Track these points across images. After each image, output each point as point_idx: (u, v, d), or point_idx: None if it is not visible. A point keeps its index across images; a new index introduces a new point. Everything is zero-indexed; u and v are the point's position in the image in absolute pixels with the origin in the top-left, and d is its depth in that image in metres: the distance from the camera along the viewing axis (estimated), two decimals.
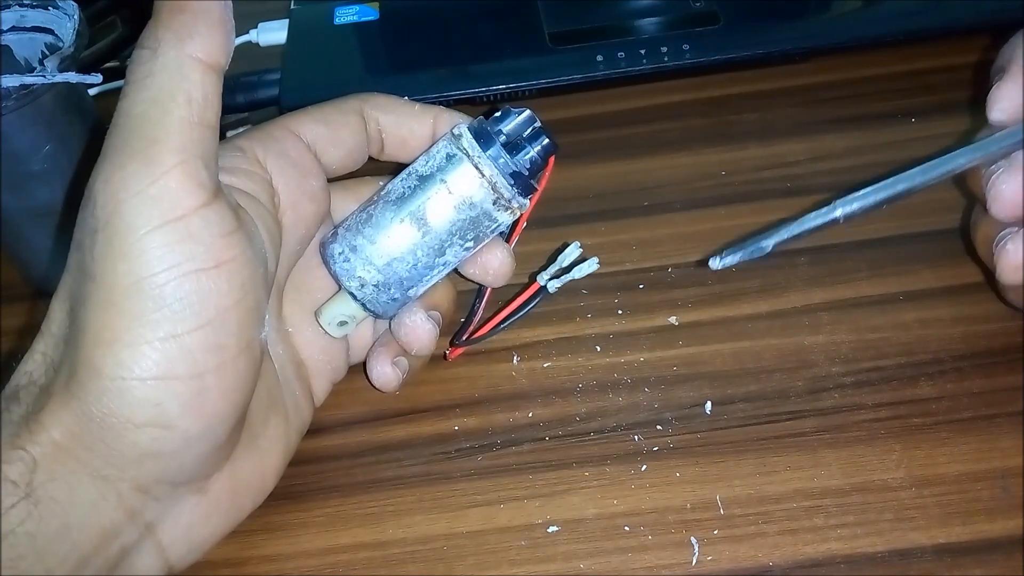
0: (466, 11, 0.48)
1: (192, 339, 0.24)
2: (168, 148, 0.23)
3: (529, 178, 0.30)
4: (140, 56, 0.25)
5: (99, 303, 0.23)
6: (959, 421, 0.31)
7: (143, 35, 0.25)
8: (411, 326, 0.32)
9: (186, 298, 0.23)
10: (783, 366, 0.34)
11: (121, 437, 0.24)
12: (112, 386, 0.23)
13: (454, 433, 0.33)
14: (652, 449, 0.32)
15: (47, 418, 0.24)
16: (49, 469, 0.23)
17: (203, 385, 0.24)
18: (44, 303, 0.40)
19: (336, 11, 0.49)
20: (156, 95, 0.24)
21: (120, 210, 0.23)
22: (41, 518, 0.23)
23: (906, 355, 0.33)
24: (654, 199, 0.41)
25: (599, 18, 0.47)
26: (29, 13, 0.37)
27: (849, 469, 0.30)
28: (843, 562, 0.28)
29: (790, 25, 0.47)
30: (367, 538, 0.30)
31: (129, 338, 0.23)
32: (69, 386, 0.24)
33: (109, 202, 0.23)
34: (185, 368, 0.24)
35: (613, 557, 0.29)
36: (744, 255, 0.28)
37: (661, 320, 0.36)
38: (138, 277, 0.23)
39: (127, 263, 0.23)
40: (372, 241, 0.30)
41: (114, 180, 0.23)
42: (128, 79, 0.25)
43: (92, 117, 0.38)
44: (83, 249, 0.24)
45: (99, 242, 0.23)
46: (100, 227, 0.23)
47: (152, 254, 0.23)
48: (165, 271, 0.23)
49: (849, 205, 0.28)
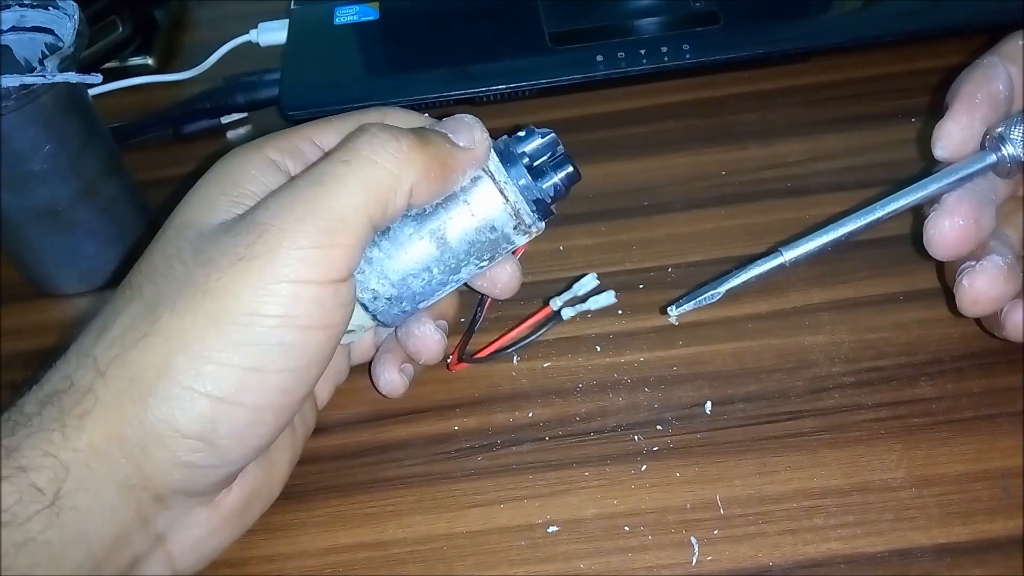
0: (466, 11, 0.48)
1: (272, 378, 0.25)
2: (350, 232, 0.25)
3: (550, 204, 0.30)
4: (384, 139, 0.26)
5: (203, 319, 0.24)
6: (959, 421, 0.31)
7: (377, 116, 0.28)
8: (420, 336, 0.32)
9: (286, 345, 0.25)
10: (783, 366, 0.34)
11: (163, 445, 0.24)
12: (181, 394, 0.24)
13: (454, 433, 0.33)
14: (652, 449, 0.32)
15: (91, 422, 0.24)
16: (79, 477, 0.23)
17: (260, 418, 0.25)
18: (44, 303, 0.40)
19: (336, 11, 0.49)
20: (370, 186, 0.26)
21: (277, 254, 0.24)
22: (62, 526, 0.23)
23: (906, 355, 0.33)
24: (654, 199, 0.41)
25: (599, 18, 0.47)
26: (29, 13, 0.37)
27: (849, 469, 0.30)
28: (843, 562, 0.28)
29: (790, 25, 0.47)
30: (367, 538, 0.30)
31: (219, 358, 0.24)
32: (128, 388, 0.24)
33: (272, 243, 0.24)
34: (253, 399, 0.25)
35: (613, 557, 0.29)
36: (698, 303, 0.31)
37: (661, 320, 0.36)
38: (256, 312, 0.24)
39: (253, 297, 0.24)
40: (389, 256, 0.29)
41: (289, 229, 0.24)
42: (362, 146, 0.26)
43: (92, 117, 0.38)
44: (206, 264, 0.25)
45: (237, 268, 0.24)
46: (248, 257, 0.24)
47: (280, 300, 0.24)
48: (282, 317, 0.24)
49: (793, 251, 0.30)
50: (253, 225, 0.25)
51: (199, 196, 0.27)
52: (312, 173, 0.26)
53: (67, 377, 0.25)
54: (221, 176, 0.28)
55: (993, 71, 0.30)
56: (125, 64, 0.53)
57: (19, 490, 0.23)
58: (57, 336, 0.39)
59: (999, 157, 0.29)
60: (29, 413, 0.24)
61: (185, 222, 0.27)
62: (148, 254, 0.27)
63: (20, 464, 0.23)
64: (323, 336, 0.25)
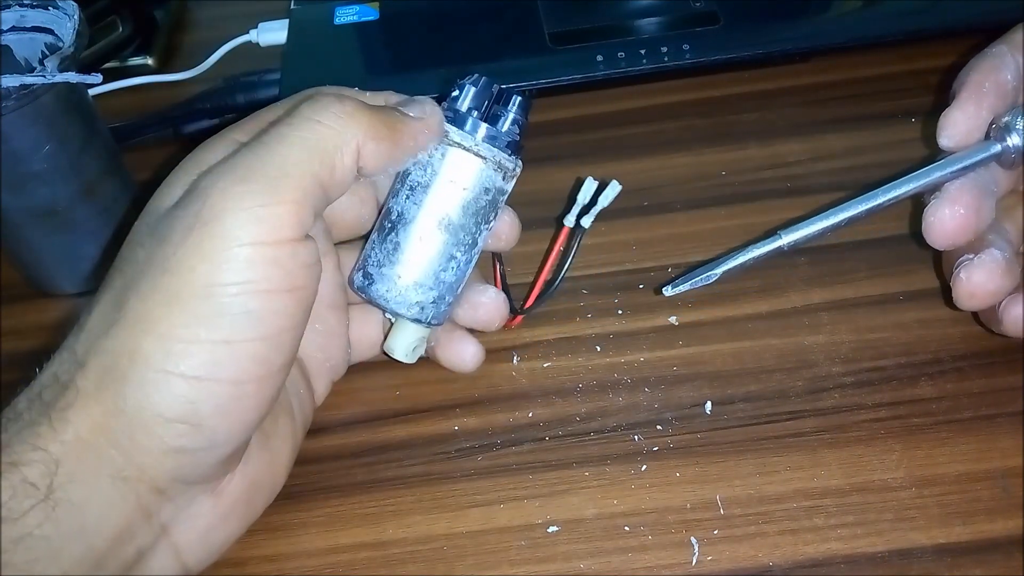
0: (466, 11, 0.48)
1: (244, 348, 0.24)
2: (293, 186, 0.25)
3: (519, 139, 0.31)
4: (328, 102, 0.26)
5: (165, 296, 0.24)
6: (959, 421, 0.31)
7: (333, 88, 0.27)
8: (487, 303, 0.32)
9: (252, 312, 0.24)
10: (783, 366, 0.34)
11: (149, 432, 0.24)
12: (155, 377, 0.24)
13: (454, 433, 0.33)
14: (652, 449, 0.32)
15: (74, 414, 0.24)
16: (70, 470, 0.23)
17: (241, 392, 0.25)
18: (44, 303, 0.40)
19: (336, 11, 0.49)
20: (311, 143, 0.25)
21: (224, 218, 0.24)
22: (59, 520, 0.23)
23: (906, 355, 0.33)
24: (654, 199, 0.41)
25: (599, 18, 0.47)
26: (29, 13, 0.37)
27: (849, 469, 0.30)
28: (843, 562, 0.28)
29: (790, 25, 0.47)
30: (367, 538, 0.30)
31: (185, 335, 0.24)
32: (104, 378, 0.24)
33: (217, 206, 0.24)
34: (229, 373, 0.24)
35: (613, 557, 0.29)
36: (693, 284, 0.31)
37: (661, 320, 0.36)
38: (215, 282, 0.24)
39: (210, 266, 0.24)
40: (413, 266, 0.30)
41: (232, 190, 0.24)
42: (305, 110, 0.26)
43: (92, 117, 0.38)
44: (161, 242, 0.24)
45: (190, 240, 0.24)
46: (196, 225, 0.24)
47: (237, 266, 0.24)
48: (242, 284, 0.24)
49: (792, 234, 0.30)
50: (197, 192, 0.24)
51: (164, 184, 0.27)
52: (256, 137, 0.26)
53: (52, 373, 0.25)
54: (188, 162, 0.28)
55: (1001, 60, 0.30)
56: (125, 64, 0.53)
57: (12, 485, 0.23)
58: (56, 336, 0.39)
59: (1004, 147, 0.29)
60: (20, 410, 0.24)
61: (147, 210, 0.27)
62: (123, 246, 0.27)
63: (11, 460, 0.23)
64: (290, 300, 0.25)
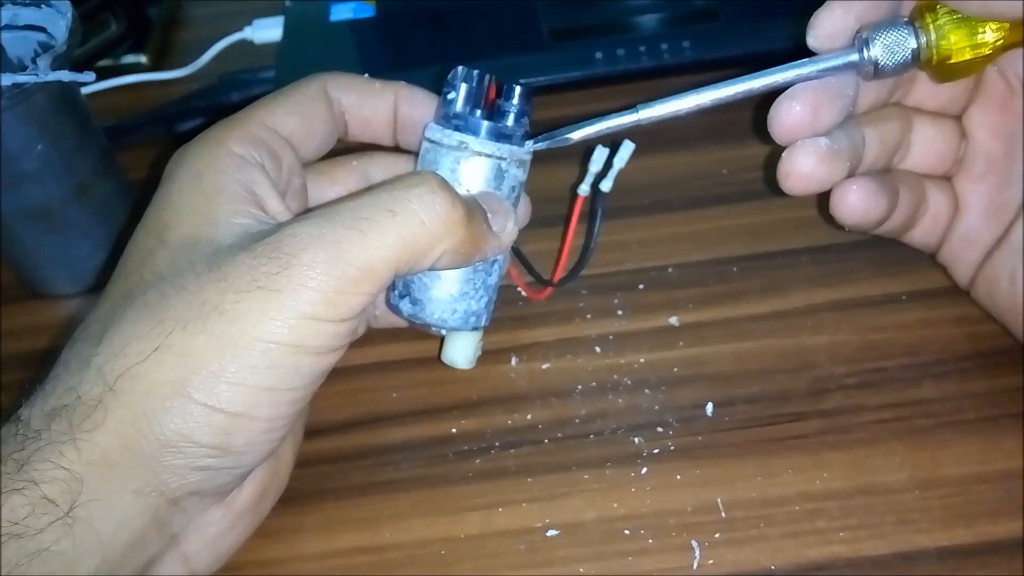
0: (464, 7, 0.48)
1: (285, 395, 0.25)
2: (374, 280, 0.25)
3: (529, 125, 0.31)
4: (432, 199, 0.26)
5: (219, 341, 0.24)
6: (962, 422, 0.31)
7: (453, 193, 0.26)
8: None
9: (300, 368, 0.25)
10: (785, 367, 0.33)
11: (180, 453, 0.24)
12: (196, 410, 0.24)
13: (452, 436, 0.33)
14: (652, 451, 0.31)
15: (102, 436, 0.24)
16: (94, 488, 0.23)
17: (273, 427, 0.25)
18: (37, 304, 0.40)
19: (332, 8, 0.49)
20: (405, 241, 0.25)
21: (298, 293, 0.24)
22: (76, 536, 0.23)
23: (909, 356, 0.33)
24: (654, 198, 0.41)
25: (598, 15, 0.47)
26: (22, 11, 0.37)
27: (852, 471, 0.30)
28: (846, 565, 0.28)
29: (790, 22, 0.46)
30: (364, 542, 0.30)
31: (234, 378, 0.24)
32: (140, 403, 0.24)
33: (295, 279, 0.24)
34: (266, 413, 0.25)
35: (613, 561, 0.29)
36: (552, 143, 0.31)
37: (661, 321, 0.35)
38: (273, 341, 0.24)
39: (271, 327, 0.24)
40: (460, 282, 0.30)
41: (313, 270, 0.24)
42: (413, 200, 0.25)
43: (85, 116, 0.38)
44: (222, 282, 0.24)
45: (257, 298, 0.24)
46: (267, 286, 0.24)
47: (297, 333, 0.24)
48: (298, 346, 0.24)
49: (648, 110, 0.30)
50: (278, 253, 0.24)
51: (185, 203, 0.27)
52: (352, 210, 0.25)
53: (72, 389, 0.24)
54: (199, 180, 0.27)
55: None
56: (119, 62, 0.53)
57: (31, 502, 0.23)
58: (51, 338, 0.38)
59: (860, 58, 0.28)
60: (37, 428, 0.24)
61: (189, 234, 0.26)
62: (148, 260, 0.26)
63: (31, 477, 0.23)
64: (333, 357, 0.26)
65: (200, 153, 0.28)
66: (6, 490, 0.22)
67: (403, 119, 0.32)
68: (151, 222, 0.27)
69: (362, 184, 0.33)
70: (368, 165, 0.33)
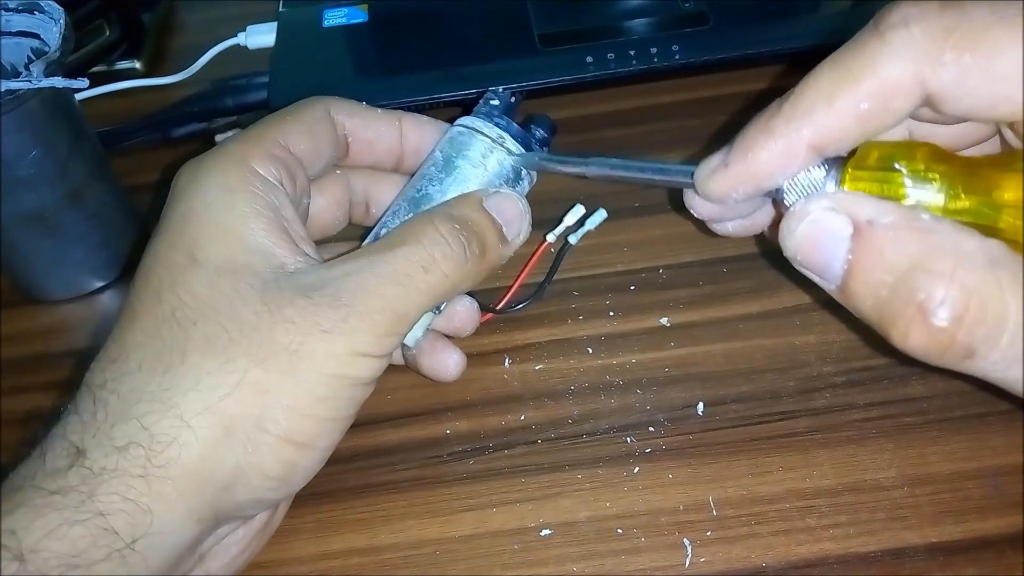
0: (455, 13, 0.48)
1: (341, 424, 0.28)
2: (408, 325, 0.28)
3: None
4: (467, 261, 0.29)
5: (291, 377, 0.26)
6: (950, 420, 0.31)
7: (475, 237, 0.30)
8: (461, 311, 0.34)
9: (353, 398, 0.27)
10: (775, 366, 0.34)
11: (248, 486, 0.26)
12: (272, 442, 0.26)
13: (446, 437, 0.33)
14: (644, 451, 0.32)
15: (176, 470, 0.24)
16: (161, 520, 0.24)
17: (325, 456, 0.28)
18: (32, 310, 0.40)
19: (325, 13, 0.49)
20: (434, 290, 0.28)
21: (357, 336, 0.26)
22: (129, 565, 0.24)
23: (897, 354, 0.33)
24: (645, 200, 0.41)
25: (589, 19, 0.47)
26: (15, 17, 0.37)
27: (841, 469, 0.30)
28: (836, 562, 0.28)
29: (780, 25, 0.47)
30: (359, 543, 0.30)
31: (306, 410, 0.26)
32: (220, 437, 0.25)
33: (354, 323, 0.26)
34: (325, 443, 0.27)
35: (606, 560, 0.29)
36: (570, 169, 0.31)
37: (652, 321, 0.36)
38: (340, 375, 0.27)
39: (336, 364, 0.26)
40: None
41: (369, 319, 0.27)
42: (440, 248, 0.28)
43: (79, 122, 0.38)
44: (285, 320, 0.26)
45: (321, 338, 0.26)
46: (330, 331, 0.26)
47: (356, 369, 0.27)
48: (355, 379, 0.27)
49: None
50: (337, 303, 0.26)
51: (217, 222, 0.27)
52: (394, 267, 0.27)
53: (145, 429, 0.25)
54: (231, 198, 0.27)
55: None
56: (112, 68, 0.53)
57: (92, 534, 0.23)
58: (45, 343, 0.39)
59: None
60: (103, 463, 0.24)
61: (227, 258, 0.27)
62: (180, 279, 0.26)
63: (98, 509, 0.23)
64: (373, 387, 0.28)
65: (226, 169, 0.28)
66: (68, 522, 0.23)
67: (413, 144, 0.33)
68: (175, 236, 0.27)
69: (346, 193, 0.33)
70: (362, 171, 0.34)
